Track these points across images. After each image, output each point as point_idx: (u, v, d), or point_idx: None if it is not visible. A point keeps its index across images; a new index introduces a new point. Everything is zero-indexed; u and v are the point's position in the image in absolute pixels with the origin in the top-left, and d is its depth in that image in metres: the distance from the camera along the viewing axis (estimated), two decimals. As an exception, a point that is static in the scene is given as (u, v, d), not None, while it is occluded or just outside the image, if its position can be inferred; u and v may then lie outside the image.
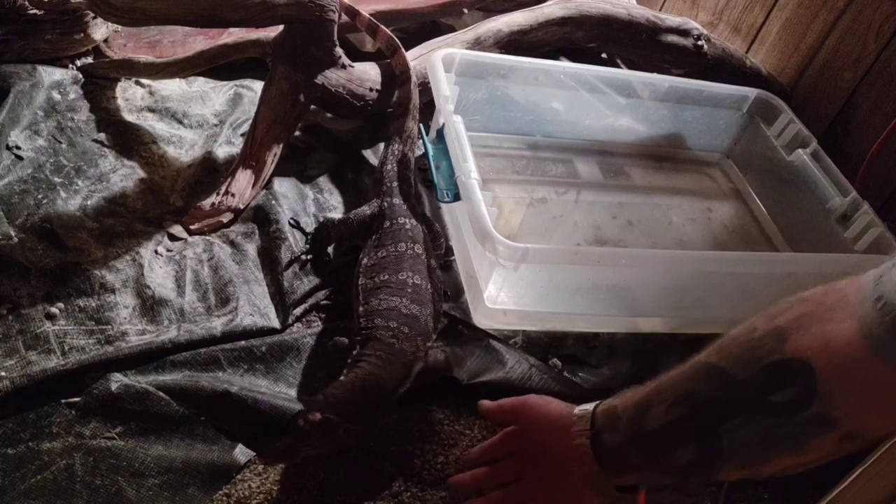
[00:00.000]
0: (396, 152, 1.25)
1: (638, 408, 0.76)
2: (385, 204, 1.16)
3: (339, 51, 1.30)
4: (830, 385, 0.63)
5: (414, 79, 1.34)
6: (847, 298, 0.64)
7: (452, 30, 1.58)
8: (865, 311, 0.60)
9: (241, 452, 0.92)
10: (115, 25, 1.42)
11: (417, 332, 0.99)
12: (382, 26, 1.36)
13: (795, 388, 0.64)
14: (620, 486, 0.80)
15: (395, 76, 1.36)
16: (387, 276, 1.04)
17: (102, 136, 1.28)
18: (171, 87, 1.42)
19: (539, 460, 0.86)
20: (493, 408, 0.92)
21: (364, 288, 1.04)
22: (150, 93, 1.40)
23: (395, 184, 1.20)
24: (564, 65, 1.49)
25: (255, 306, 1.08)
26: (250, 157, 1.24)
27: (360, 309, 1.02)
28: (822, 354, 0.63)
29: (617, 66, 1.72)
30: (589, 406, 0.82)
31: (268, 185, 1.26)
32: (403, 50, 1.35)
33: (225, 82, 1.46)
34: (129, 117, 1.34)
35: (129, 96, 1.38)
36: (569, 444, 0.80)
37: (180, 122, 1.36)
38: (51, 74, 1.34)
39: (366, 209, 1.17)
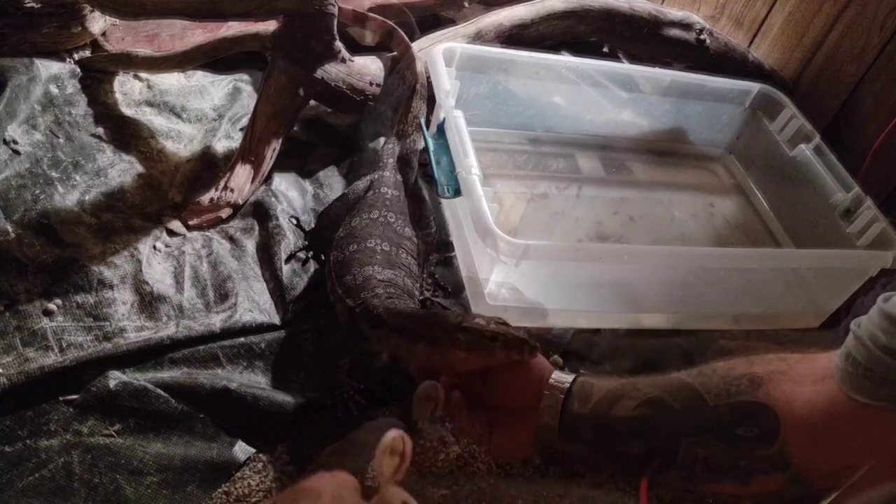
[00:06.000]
0: (403, 133, 1.25)
1: (611, 394, 0.83)
2: (376, 176, 1.16)
3: (338, 45, 1.29)
4: (792, 434, 0.73)
5: (419, 56, 1.33)
6: (816, 368, 0.75)
7: (453, 23, 1.56)
8: (841, 369, 0.71)
9: (241, 450, 0.92)
10: (113, 19, 1.41)
11: (404, 291, 1.00)
12: (370, 14, 1.36)
13: (759, 429, 0.74)
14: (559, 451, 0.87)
15: (398, 59, 1.35)
16: (355, 247, 1.04)
17: (100, 130, 1.27)
18: (170, 81, 1.41)
19: (501, 390, 0.89)
20: None
21: (335, 261, 1.04)
22: (149, 87, 1.39)
23: (391, 159, 1.20)
24: (566, 59, 1.48)
25: (254, 302, 1.07)
26: (249, 151, 1.23)
27: (339, 289, 1.00)
28: (787, 408, 0.73)
29: (619, 60, 1.71)
30: (570, 374, 0.87)
31: (267, 180, 1.25)
32: (400, 30, 1.34)
33: (224, 76, 1.45)
34: (128, 111, 1.33)
35: (128, 90, 1.37)
36: (539, 394, 0.85)
37: (179, 117, 1.35)
38: (48, 68, 1.33)
39: (359, 184, 1.17)
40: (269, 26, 1.32)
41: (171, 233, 1.15)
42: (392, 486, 0.60)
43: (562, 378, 0.86)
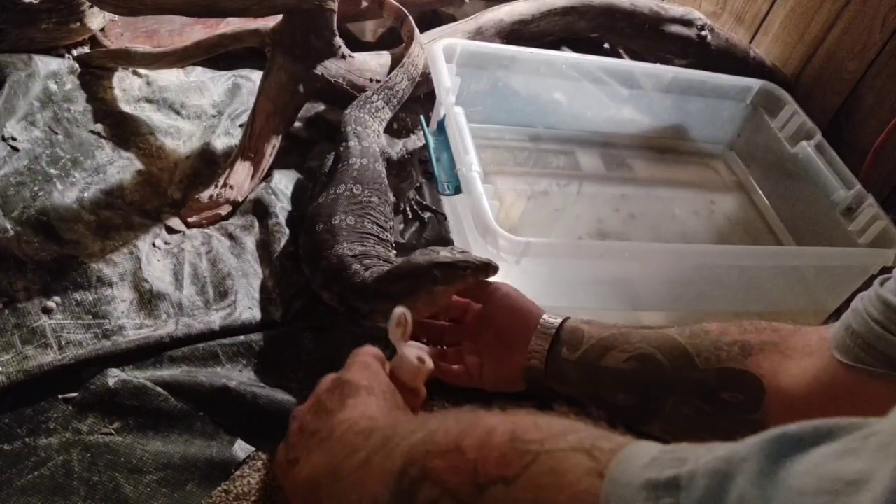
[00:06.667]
0: (363, 98, 1.26)
1: (601, 343, 0.85)
2: (340, 148, 1.17)
3: (338, 41, 1.28)
4: (775, 404, 0.74)
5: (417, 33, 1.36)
6: (808, 342, 0.76)
7: (453, 19, 1.56)
8: (839, 339, 0.71)
9: (241, 448, 0.91)
10: (112, 15, 1.41)
11: (379, 258, 1.02)
12: None
13: (744, 395, 0.76)
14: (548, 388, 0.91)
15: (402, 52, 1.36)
16: (321, 226, 1.05)
17: (99, 126, 1.27)
18: (169, 78, 1.40)
19: (489, 332, 0.94)
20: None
21: (304, 243, 1.06)
22: (148, 83, 1.38)
23: (349, 128, 1.21)
24: (567, 55, 1.48)
25: (253, 300, 1.07)
26: (249, 148, 1.23)
27: (319, 277, 1.03)
28: (774, 379, 0.75)
29: (620, 56, 1.71)
30: (559, 318, 0.90)
31: (267, 177, 1.25)
32: (411, 19, 1.37)
33: (223, 72, 1.44)
34: (127, 108, 1.32)
35: (126, 86, 1.36)
36: (527, 337, 0.89)
37: (178, 113, 1.34)
38: (47, 64, 1.32)
39: (327, 162, 1.19)
40: (269, 23, 1.32)
41: (171, 230, 1.14)
42: (405, 345, 0.78)
43: (550, 322, 0.90)
